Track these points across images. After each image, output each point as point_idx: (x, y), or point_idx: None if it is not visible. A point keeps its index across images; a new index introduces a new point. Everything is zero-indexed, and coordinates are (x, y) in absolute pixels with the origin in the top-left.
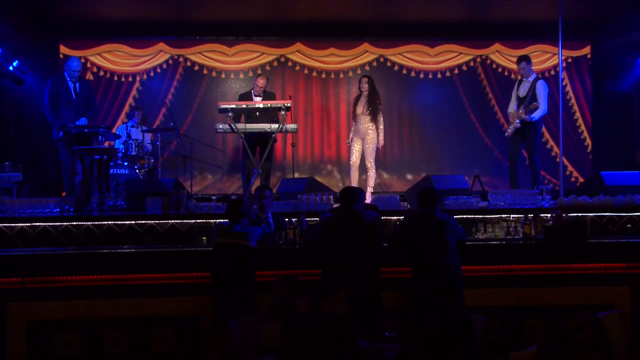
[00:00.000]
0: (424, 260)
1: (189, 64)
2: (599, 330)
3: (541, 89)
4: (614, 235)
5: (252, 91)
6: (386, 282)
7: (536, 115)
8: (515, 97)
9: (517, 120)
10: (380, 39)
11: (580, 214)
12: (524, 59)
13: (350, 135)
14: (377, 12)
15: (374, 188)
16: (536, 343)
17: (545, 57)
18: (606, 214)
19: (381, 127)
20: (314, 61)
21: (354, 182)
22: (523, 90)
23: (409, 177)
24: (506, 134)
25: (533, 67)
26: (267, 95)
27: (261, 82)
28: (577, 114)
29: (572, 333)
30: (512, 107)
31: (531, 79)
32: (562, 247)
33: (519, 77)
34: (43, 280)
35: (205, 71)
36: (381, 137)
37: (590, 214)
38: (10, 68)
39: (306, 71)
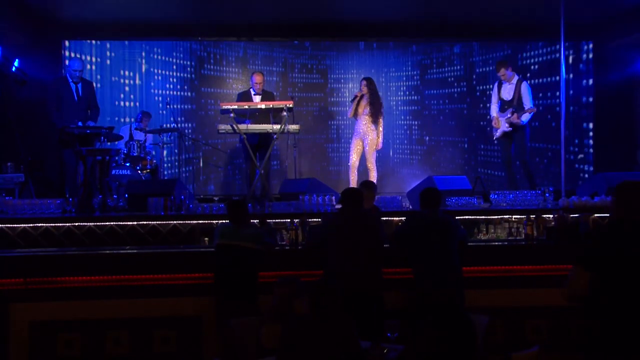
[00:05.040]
0: (425, 261)
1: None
2: None
3: (527, 90)
4: None
5: (251, 89)
6: (388, 283)
7: (527, 118)
8: (496, 99)
9: (506, 124)
10: (382, 39)
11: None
12: (503, 65)
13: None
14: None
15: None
16: (538, 344)
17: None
18: (608, 215)
19: (381, 129)
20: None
21: (353, 183)
22: (507, 94)
23: (411, 177)
24: (494, 137)
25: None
26: (266, 94)
27: (258, 78)
28: (579, 114)
29: (574, 334)
30: (495, 110)
31: (514, 81)
32: (565, 247)
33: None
34: (45, 281)
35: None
36: (380, 140)
37: (592, 215)
38: (13, 69)
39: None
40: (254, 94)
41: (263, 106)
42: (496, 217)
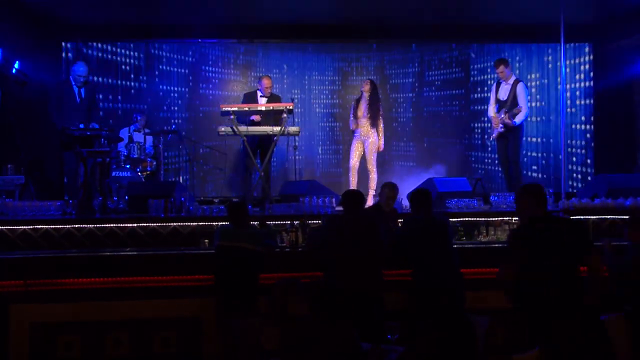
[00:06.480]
0: (425, 263)
1: None
2: (602, 333)
3: (522, 91)
4: (617, 238)
5: (258, 92)
6: (388, 284)
7: (519, 119)
8: (494, 99)
9: (500, 125)
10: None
11: (582, 217)
12: (502, 63)
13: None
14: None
15: (375, 190)
16: (538, 345)
17: None
18: (608, 216)
19: (381, 131)
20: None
21: (353, 185)
22: (503, 94)
23: (411, 179)
24: (490, 138)
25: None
26: (272, 97)
27: (267, 82)
28: (579, 115)
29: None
30: (492, 110)
31: (511, 81)
32: None
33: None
34: (45, 283)
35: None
36: (381, 142)
37: (592, 217)
38: (13, 70)
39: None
40: (261, 96)
41: (263, 108)
42: (496, 219)
